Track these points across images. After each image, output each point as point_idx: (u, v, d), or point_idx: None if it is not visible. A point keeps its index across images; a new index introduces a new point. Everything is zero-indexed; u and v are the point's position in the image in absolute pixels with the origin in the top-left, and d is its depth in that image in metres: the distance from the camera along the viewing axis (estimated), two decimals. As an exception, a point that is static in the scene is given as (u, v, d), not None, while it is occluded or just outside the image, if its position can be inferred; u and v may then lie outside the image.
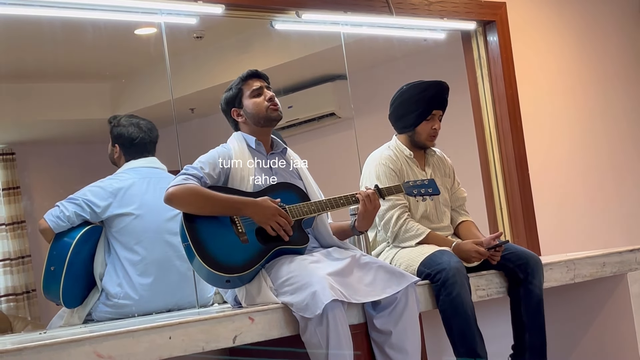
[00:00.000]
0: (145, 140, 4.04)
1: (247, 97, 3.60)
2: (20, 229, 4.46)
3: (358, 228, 3.61)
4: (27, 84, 4.49)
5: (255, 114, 3.58)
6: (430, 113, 4.03)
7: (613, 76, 5.92)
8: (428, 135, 4.05)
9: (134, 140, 4.02)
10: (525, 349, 3.90)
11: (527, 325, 3.90)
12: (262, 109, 3.57)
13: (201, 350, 3.08)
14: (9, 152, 4.52)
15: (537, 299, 3.91)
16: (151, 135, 4.06)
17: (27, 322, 4.38)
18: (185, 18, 4.19)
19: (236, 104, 3.62)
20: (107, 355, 2.85)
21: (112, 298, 3.84)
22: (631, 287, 4.40)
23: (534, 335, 3.90)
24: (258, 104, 3.58)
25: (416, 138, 4.07)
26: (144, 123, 4.06)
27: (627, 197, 5.86)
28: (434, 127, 4.05)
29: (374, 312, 3.43)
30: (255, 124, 3.60)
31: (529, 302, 3.90)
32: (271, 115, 3.57)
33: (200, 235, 3.34)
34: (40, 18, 3.84)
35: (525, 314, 3.91)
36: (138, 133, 4.02)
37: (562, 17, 5.69)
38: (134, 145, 4.02)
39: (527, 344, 3.90)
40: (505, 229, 5.14)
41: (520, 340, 3.92)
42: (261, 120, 3.58)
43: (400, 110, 4.08)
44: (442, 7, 4.97)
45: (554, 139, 5.51)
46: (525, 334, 3.90)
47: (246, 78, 3.63)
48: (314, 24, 4.66)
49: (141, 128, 4.03)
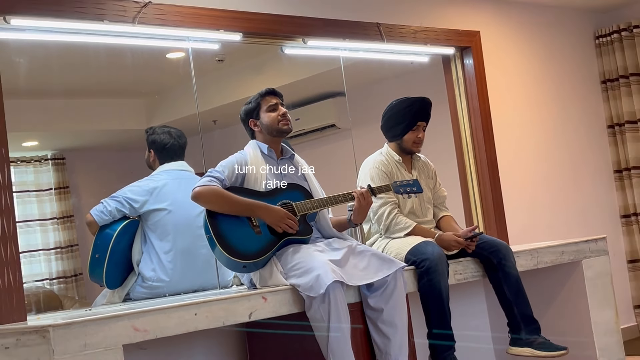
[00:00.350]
0: (176, 146, 4.04)
1: (264, 110, 3.60)
2: (69, 222, 4.45)
3: (354, 221, 3.62)
4: (75, 100, 4.50)
5: (270, 125, 3.58)
6: (415, 124, 4.03)
7: (571, 93, 5.92)
8: (414, 143, 4.05)
9: (165, 145, 4.02)
10: (519, 321, 3.90)
11: (513, 301, 3.90)
12: (275, 122, 3.57)
13: (222, 324, 3.08)
14: (60, 157, 4.51)
15: (514, 277, 3.91)
16: (180, 141, 4.06)
17: (75, 300, 4.38)
18: (209, 44, 4.20)
19: (254, 116, 3.62)
20: (142, 329, 2.86)
21: (147, 281, 3.85)
22: (585, 272, 4.39)
23: (522, 307, 3.90)
24: (273, 117, 3.58)
25: (404, 145, 4.06)
26: (174, 131, 4.06)
27: (583, 196, 5.86)
28: (419, 136, 4.05)
29: (368, 293, 3.43)
30: (268, 134, 3.60)
31: (509, 282, 3.90)
32: (282, 129, 3.58)
33: (221, 228, 3.35)
34: (87, 44, 3.85)
35: (509, 292, 3.90)
36: (169, 139, 4.03)
37: (528, 44, 5.69)
38: (166, 149, 4.03)
39: (518, 315, 3.90)
40: (479, 222, 5.14)
41: (512, 314, 3.92)
42: (274, 131, 3.58)
43: (391, 122, 4.08)
44: (426, 35, 4.97)
45: (520, 146, 5.51)
46: (514, 309, 3.90)
47: (264, 94, 3.62)
48: (318, 49, 4.65)
49: (172, 135, 4.04)
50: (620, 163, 6.06)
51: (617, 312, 4.49)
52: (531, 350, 3.84)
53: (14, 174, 3.51)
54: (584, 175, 5.89)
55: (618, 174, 6.08)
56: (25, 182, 4.42)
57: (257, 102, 3.61)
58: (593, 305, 4.36)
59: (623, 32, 6.00)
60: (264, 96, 3.61)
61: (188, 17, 3.95)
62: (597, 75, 6.14)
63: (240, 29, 4.17)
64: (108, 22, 3.69)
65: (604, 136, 6.11)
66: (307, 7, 4.49)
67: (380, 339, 3.40)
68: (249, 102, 3.63)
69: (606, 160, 6.08)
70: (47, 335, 2.65)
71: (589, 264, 4.42)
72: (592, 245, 4.48)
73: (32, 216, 4.40)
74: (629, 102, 6.00)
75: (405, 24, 4.88)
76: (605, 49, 6.08)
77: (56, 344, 2.64)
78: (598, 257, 4.47)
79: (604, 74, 6.11)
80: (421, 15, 5.03)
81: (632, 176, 5.99)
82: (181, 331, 2.96)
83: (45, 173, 4.47)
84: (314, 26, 4.47)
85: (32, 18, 3.51)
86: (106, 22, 3.69)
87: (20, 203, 4.31)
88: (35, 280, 4.32)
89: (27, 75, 3.97)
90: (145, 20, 3.80)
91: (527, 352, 3.85)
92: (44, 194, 4.45)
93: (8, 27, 3.47)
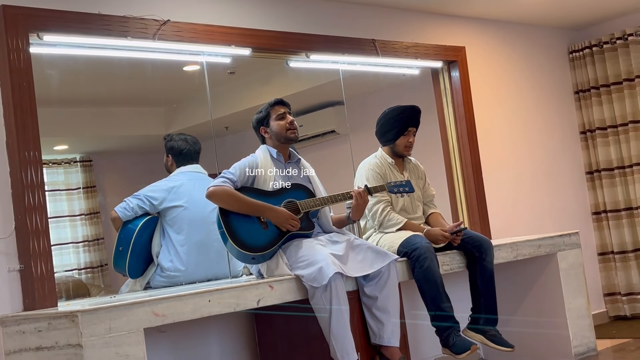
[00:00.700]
0: (191, 151, 4.04)
1: (273, 119, 3.58)
2: (95, 218, 4.46)
3: (352, 217, 3.63)
4: (101, 108, 4.50)
5: (278, 133, 3.57)
6: (406, 130, 4.03)
7: (547, 102, 5.92)
8: (405, 147, 4.05)
9: (182, 151, 4.02)
10: (481, 310, 3.91)
11: (482, 292, 3.90)
12: (283, 130, 3.57)
13: (233, 310, 3.09)
14: (87, 160, 4.52)
15: (489, 272, 3.91)
16: (195, 147, 4.06)
17: (100, 288, 4.38)
18: (221, 58, 4.19)
19: (264, 124, 3.60)
20: (161, 314, 2.86)
21: (166, 271, 3.84)
22: (560, 263, 4.40)
23: (488, 299, 3.91)
24: (281, 126, 3.57)
25: (396, 149, 4.06)
26: (190, 138, 4.06)
27: (558, 195, 5.85)
28: (410, 140, 4.05)
29: (364, 282, 3.43)
30: (277, 140, 3.59)
31: (484, 275, 3.90)
32: (289, 136, 3.57)
33: (232, 224, 3.35)
34: (112, 58, 3.85)
35: (481, 284, 3.91)
36: (185, 145, 4.02)
37: (508, 58, 5.69)
38: (183, 154, 4.02)
39: (483, 306, 3.91)
40: (464, 218, 5.14)
41: (477, 303, 3.93)
42: (282, 138, 3.58)
43: (384, 128, 4.08)
44: (417, 50, 4.97)
45: (501, 150, 5.51)
46: (481, 299, 3.91)
47: (274, 104, 3.61)
48: (319, 62, 4.65)
49: (188, 142, 4.04)
50: (591, 165, 6.06)
51: (588, 299, 4.50)
52: (482, 339, 3.85)
53: (46, 175, 3.51)
54: (559, 176, 5.89)
55: (589, 175, 6.08)
56: (57, 182, 4.42)
57: (267, 111, 3.59)
58: (567, 293, 4.37)
59: (594, 47, 6.00)
60: (273, 106, 3.60)
61: (202, 33, 3.96)
62: (571, 87, 6.14)
63: (250, 44, 4.17)
64: (131, 38, 3.70)
65: (576, 141, 6.10)
66: (310, 24, 4.49)
67: (374, 323, 3.40)
68: (259, 111, 3.63)
69: (579, 163, 6.08)
70: (76, 319, 2.66)
71: (563, 256, 4.42)
72: (566, 239, 4.48)
73: (63, 213, 4.41)
74: (600, 110, 6.00)
75: (398, 40, 4.88)
76: (578, 62, 6.08)
77: (84, 328, 2.65)
78: (571, 250, 4.48)
79: (577, 85, 6.11)
80: (412, 32, 5.03)
81: (602, 177, 5.99)
82: (196, 316, 2.97)
83: (74, 174, 4.48)
84: (316, 42, 4.47)
85: (63, 35, 3.52)
86: (129, 38, 3.70)
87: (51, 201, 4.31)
88: (65, 270, 4.32)
89: (58, 86, 3.97)
90: (164, 37, 3.80)
91: (478, 338, 3.86)
92: (73, 193, 4.46)
93: (41, 43, 3.48)
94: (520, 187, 5.59)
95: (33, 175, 3.27)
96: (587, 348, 4.40)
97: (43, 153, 3.35)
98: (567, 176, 5.96)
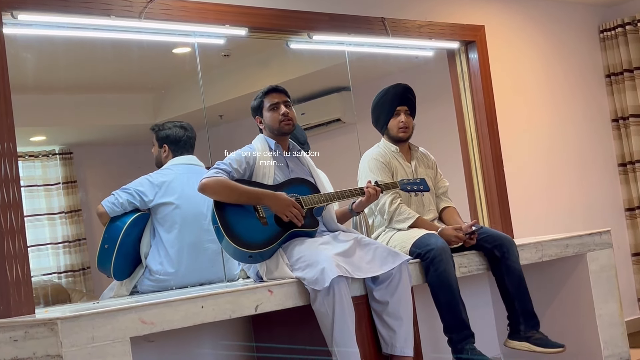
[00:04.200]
0: (191, 139, 4.04)
1: (266, 109, 3.59)
2: (77, 216, 4.47)
3: (355, 209, 3.66)
4: (83, 95, 4.50)
5: (271, 125, 3.57)
6: (394, 110, 4.02)
7: (575, 87, 5.91)
8: (399, 129, 4.04)
9: (180, 138, 4.01)
10: (518, 315, 3.89)
11: (514, 295, 3.89)
12: (276, 123, 3.56)
13: (228, 317, 3.08)
14: (68, 152, 4.53)
15: (517, 272, 3.90)
16: (192, 134, 4.06)
17: (82, 294, 4.39)
18: (214, 39, 4.19)
19: (258, 113, 3.62)
20: (149, 322, 2.86)
21: (155, 274, 3.85)
22: (590, 265, 4.38)
23: (522, 301, 3.89)
24: (274, 117, 3.56)
25: (391, 134, 4.06)
26: (185, 124, 4.06)
27: (587, 189, 5.85)
28: (401, 120, 4.02)
29: (373, 286, 3.43)
30: (270, 132, 3.59)
31: (512, 276, 3.89)
32: (283, 129, 3.57)
33: (228, 219, 3.35)
34: (94, 40, 3.85)
35: (511, 286, 3.89)
36: (182, 132, 4.02)
37: (532, 38, 5.67)
38: (181, 142, 4.01)
39: (518, 310, 3.89)
40: (484, 216, 5.13)
41: (512, 308, 3.91)
42: (275, 131, 3.58)
43: (374, 115, 4.11)
44: (431, 29, 4.96)
45: (524, 140, 5.50)
46: (515, 302, 3.89)
47: (267, 92, 3.59)
48: (323, 44, 4.65)
49: (185, 128, 4.03)
50: (624, 156, 6.04)
51: (621, 304, 4.49)
52: (528, 345, 3.83)
53: (22, 169, 3.52)
54: (588, 168, 5.88)
55: (622, 167, 6.07)
56: (33, 176, 4.43)
57: (261, 100, 3.59)
58: (597, 298, 4.36)
59: (627, 26, 5.98)
60: (266, 94, 3.58)
61: (194, 12, 3.95)
62: (602, 69, 6.12)
63: (246, 23, 4.17)
64: (114, 17, 3.69)
65: (608, 130, 6.09)
66: (312, 1, 4.49)
67: (385, 331, 3.40)
68: (254, 99, 3.63)
69: (610, 154, 6.07)
70: (55, 327, 2.66)
71: (594, 257, 4.41)
72: (597, 238, 4.47)
73: (40, 210, 4.42)
74: (634, 95, 5.99)
75: (410, 18, 4.87)
76: (609, 42, 6.07)
77: (64, 337, 2.65)
78: (602, 250, 4.47)
79: (608, 67, 6.09)
80: (426, 9, 5.02)
81: (636, 169, 5.98)
82: (188, 324, 2.97)
83: (53, 168, 4.49)
84: (319, 21, 4.46)
85: (39, 13, 3.51)
86: (112, 18, 3.69)
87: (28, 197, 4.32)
88: (44, 274, 4.34)
89: (35, 71, 3.98)
90: (151, 16, 3.80)
91: (524, 346, 3.84)
92: (52, 189, 4.46)
93: (15, 23, 3.48)
94: (546, 181, 5.58)
95: (7, 169, 3.27)
96: (619, 358, 4.39)
97: (18, 145, 3.35)
98: (597, 169, 5.95)
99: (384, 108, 4.03)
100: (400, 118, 4.02)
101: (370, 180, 3.73)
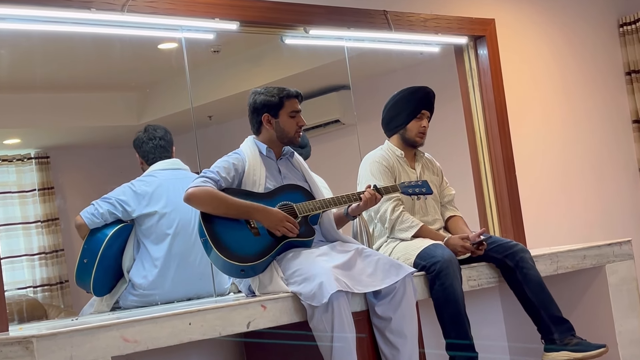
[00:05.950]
0: (161, 144, 4.02)
1: (286, 113, 3.55)
2: (54, 225, 4.47)
3: (351, 213, 3.67)
4: (60, 94, 4.51)
5: (285, 131, 3.55)
6: (419, 112, 4.05)
7: (592, 85, 5.92)
8: (418, 132, 4.06)
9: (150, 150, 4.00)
10: (548, 324, 3.87)
11: (539, 304, 3.88)
12: (292, 131, 3.56)
13: (218, 335, 3.08)
14: (44, 156, 4.53)
15: (536, 278, 3.90)
16: (166, 138, 4.04)
17: (60, 309, 4.39)
18: (203, 34, 4.20)
19: (271, 112, 3.58)
20: (132, 340, 2.86)
21: (138, 288, 3.85)
22: (609, 277, 4.39)
23: (549, 308, 3.88)
24: (291, 125, 3.56)
25: (407, 135, 4.07)
26: (159, 132, 4.03)
27: (606, 196, 5.85)
28: (423, 125, 4.06)
29: (375, 300, 3.43)
30: (279, 137, 3.57)
31: (531, 284, 3.89)
32: (295, 140, 3.59)
33: (216, 230, 3.35)
34: (73, 35, 3.86)
35: (532, 295, 3.88)
36: (152, 142, 4.01)
37: (546, 32, 5.68)
38: (151, 152, 4.00)
39: (547, 318, 3.87)
40: (494, 224, 5.14)
41: (539, 319, 3.89)
42: (285, 139, 3.57)
43: (393, 112, 4.09)
44: (437, 23, 4.97)
45: (538, 142, 5.51)
46: (541, 312, 3.87)
47: (291, 96, 3.55)
48: (320, 39, 4.66)
49: (155, 137, 4.01)
50: (646, 160, 6.06)
51: (643, 320, 4.49)
52: (568, 353, 3.79)
53: (-6, 174, 3.51)
54: (607, 173, 5.89)
55: (644, 172, 6.08)
56: (7, 182, 4.43)
57: (281, 100, 3.54)
58: (617, 313, 4.36)
59: (649, 19, 6.01)
60: (289, 97, 3.56)
61: (181, 5, 3.96)
62: (621, 66, 6.13)
63: (237, 17, 4.17)
64: (95, 10, 3.70)
65: (628, 131, 6.10)
66: (309, -7, 4.50)
67: (388, 349, 3.40)
68: (271, 94, 3.55)
69: (631, 157, 6.08)
70: (31, 346, 2.65)
71: (613, 269, 4.42)
72: (616, 248, 4.47)
73: (15, 219, 4.42)
74: (656, 95, 6.01)
75: (414, 11, 4.88)
76: (629, 37, 6.08)
77: (40, 356, 2.64)
78: (622, 261, 4.47)
79: (629, 64, 6.10)
80: (432, 1, 5.03)
81: (659, 174, 6.00)
82: (174, 342, 2.96)
83: (28, 173, 4.49)
84: (316, 14, 4.47)
85: (14, 6, 3.51)
86: (93, 11, 3.69)
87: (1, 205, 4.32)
88: (18, 288, 4.33)
89: (9, 68, 3.98)
90: (135, 9, 3.80)
91: (564, 355, 3.81)
92: (27, 195, 4.46)
93: (-12, 16, 3.48)
94: (561, 187, 5.58)
95: (-21, 174, 3.28)
96: (641, 378, 4.40)
97: (-9, 148, 3.35)
98: (617, 173, 5.96)
99: (408, 106, 4.04)
100: (422, 122, 4.05)
101: (370, 184, 3.74)
